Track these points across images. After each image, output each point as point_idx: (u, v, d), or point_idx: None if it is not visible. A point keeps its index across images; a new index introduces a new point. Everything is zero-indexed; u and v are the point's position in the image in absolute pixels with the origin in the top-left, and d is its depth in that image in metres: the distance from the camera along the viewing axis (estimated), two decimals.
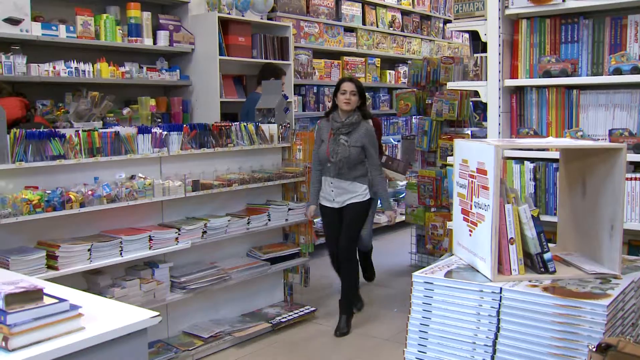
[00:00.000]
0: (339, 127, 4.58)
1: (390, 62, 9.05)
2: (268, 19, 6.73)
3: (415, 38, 9.29)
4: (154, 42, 5.71)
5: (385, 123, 8.70)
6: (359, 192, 4.68)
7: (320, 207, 4.81)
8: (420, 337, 2.13)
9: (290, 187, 5.13)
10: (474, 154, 2.17)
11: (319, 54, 7.61)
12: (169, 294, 4.09)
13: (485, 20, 3.65)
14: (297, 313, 4.88)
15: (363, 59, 8.27)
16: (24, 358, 1.44)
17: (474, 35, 4.77)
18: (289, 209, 4.89)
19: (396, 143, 8.71)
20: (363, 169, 4.70)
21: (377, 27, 8.56)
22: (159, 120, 5.42)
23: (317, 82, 7.49)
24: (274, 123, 4.93)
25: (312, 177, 4.82)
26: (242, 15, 6.29)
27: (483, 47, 3.85)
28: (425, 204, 6.15)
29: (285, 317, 4.76)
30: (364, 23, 8.31)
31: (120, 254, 3.73)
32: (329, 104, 7.55)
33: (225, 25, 6.11)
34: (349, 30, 8.10)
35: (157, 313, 1.69)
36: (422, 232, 6.41)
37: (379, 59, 8.59)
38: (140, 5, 5.56)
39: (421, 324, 2.13)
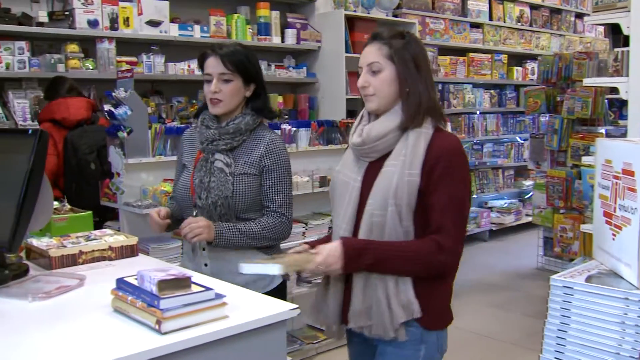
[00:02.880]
0: (213, 139, 2.48)
1: (517, 58, 8.77)
2: (393, 15, 6.71)
3: (544, 33, 8.94)
4: (282, 40, 5.85)
5: (512, 121, 8.46)
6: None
7: None
8: (557, 344, 2.05)
9: None
10: (619, 154, 2.06)
11: (444, 50, 7.50)
12: (295, 287, 4.18)
13: (629, 11, 3.45)
14: None
15: (489, 56, 8.06)
16: (174, 341, 1.52)
17: (614, 29, 4.51)
18: None
19: (522, 142, 8.48)
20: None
21: (505, 22, 8.32)
22: (286, 116, 5.56)
23: (442, 79, 7.39)
24: None
25: None
26: (368, 13, 6.32)
27: (624, 41, 3.65)
28: (554, 205, 5.91)
29: None
30: (490, 18, 8.11)
31: None
32: (455, 102, 7.49)
33: (351, 22, 6.16)
34: (475, 26, 7.92)
35: (296, 306, 1.74)
36: (550, 235, 6.18)
37: (506, 55, 8.35)
38: (269, 5, 5.72)
39: (559, 329, 2.05)
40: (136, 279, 1.67)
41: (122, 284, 1.70)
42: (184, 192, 2.53)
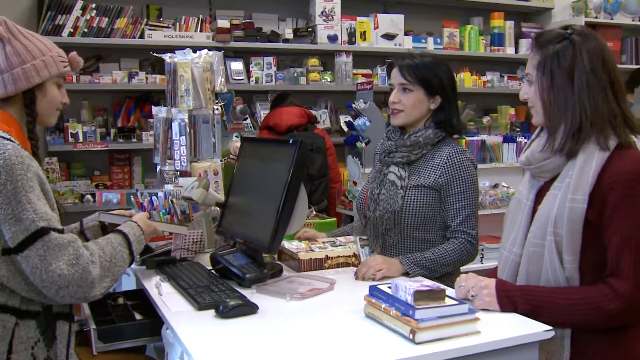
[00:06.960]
0: (390, 151, 2.45)
1: None
2: None
3: None
4: (516, 51, 5.70)
5: None
6: None
7: None
8: None
9: None
10: None
11: None
12: None
13: None
14: None
15: None
16: (428, 352, 1.53)
17: None
18: None
19: None
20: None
21: None
22: (518, 129, 5.38)
23: None
24: None
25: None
26: (611, 19, 5.93)
27: None
28: None
29: None
30: None
31: (481, 260, 3.79)
32: None
33: (592, 30, 5.80)
34: None
35: (550, 328, 1.66)
36: None
37: None
38: (503, 15, 5.59)
39: None
40: (389, 287, 1.71)
41: (375, 291, 1.75)
42: (360, 202, 2.56)
